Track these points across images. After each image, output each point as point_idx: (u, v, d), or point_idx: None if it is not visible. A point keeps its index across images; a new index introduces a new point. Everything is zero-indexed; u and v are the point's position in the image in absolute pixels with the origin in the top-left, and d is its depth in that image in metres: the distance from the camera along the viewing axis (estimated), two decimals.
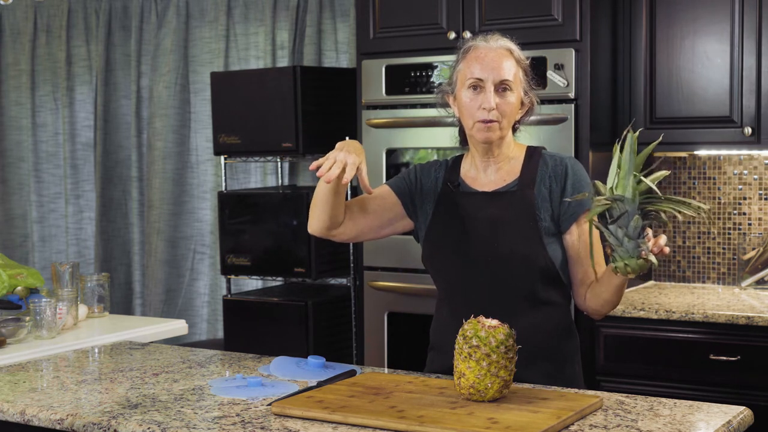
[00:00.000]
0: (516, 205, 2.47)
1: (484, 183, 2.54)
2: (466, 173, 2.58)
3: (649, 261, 2.15)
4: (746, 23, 3.64)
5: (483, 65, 2.44)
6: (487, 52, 2.46)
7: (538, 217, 2.45)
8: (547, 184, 2.48)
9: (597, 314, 2.49)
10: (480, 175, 2.55)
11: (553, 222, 2.46)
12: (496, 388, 2.14)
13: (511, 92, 2.45)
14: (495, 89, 2.43)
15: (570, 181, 2.47)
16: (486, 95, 2.43)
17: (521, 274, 2.45)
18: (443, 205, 2.56)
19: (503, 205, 2.48)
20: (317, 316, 4.31)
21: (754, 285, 3.92)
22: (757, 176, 3.97)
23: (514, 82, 2.45)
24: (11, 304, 3.42)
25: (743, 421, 2.13)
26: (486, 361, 2.13)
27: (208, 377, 2.56)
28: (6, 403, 2.34)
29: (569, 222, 2.46)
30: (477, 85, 2.45)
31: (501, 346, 2.15)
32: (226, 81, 4.56)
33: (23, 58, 5.89)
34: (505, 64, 2.44)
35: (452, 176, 2.59)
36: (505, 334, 2.16)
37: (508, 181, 2.51)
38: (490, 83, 2.43)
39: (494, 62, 2.44)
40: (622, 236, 2.14)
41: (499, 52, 2.46)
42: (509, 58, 2.46)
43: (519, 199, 2.47)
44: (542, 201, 2.46)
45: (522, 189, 2.48)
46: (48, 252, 5.89)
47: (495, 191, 2.51)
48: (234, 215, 4.50)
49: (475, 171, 2.56)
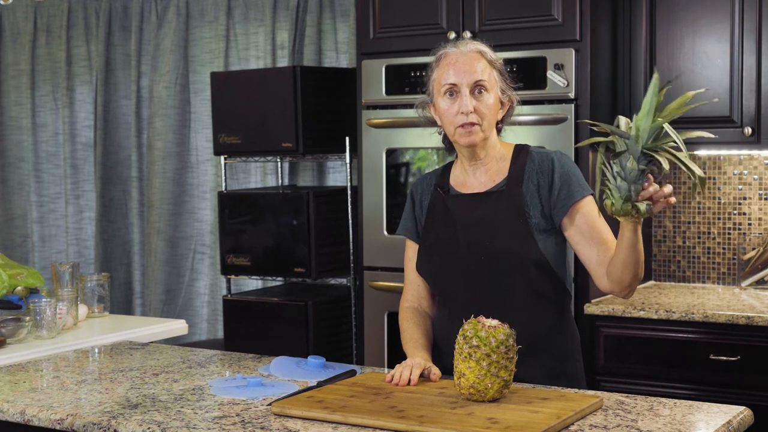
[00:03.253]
0: (505, 204, 2.48)
1: (473, 186, 2.55)
2: (455, 178, 2.60)
3: (636, 207, 2.11)
4: (746, 23, 3.64)
5: (456, 69, 2.46)
6: (458, 57, 2.47)
7: (527, 214, 2.46)
8: (534, 180, 2.48)
9: (620, 286, 2.38)
10: (469, 179, 2.56)
11: (543, 218, 2.46)
12: (496, 388, 2.15)
13: (487, 93, 2.46)
14: (471, 92, 2.45)
15: (557, 174, 2.47)
16: (462, 99, 2.44)
17: (515, 271, 2.46)
18: (435, 211, 2.58)
19: (492, 205, 2.49)
20: (317, 316, 4.31)
21: (754, 285, 3.92)
22: (757, 176, 3.97)
23: (489, 82, 2.46)
24: (11, 304, 3.42)
25: (743, 421, 2.13)
26: (486, 361, 2.14)
27: (208, 377, 2.56)
28: (6, 403, 2.34)
29: (562, 212, 2.46)
30: (452, 91, 2.46)
31: (501, 346, 2.15)
32: (226, 81, 4.55)
33: (23, 58, 5.89)
34: (478, 66, 2.46)
35: (442, 182, 2.61)
36: (505, 334, 2.16)
37: (497, 181, 2.52)
38: (464, 87, 2.44)
39: (466, 65, 2.45)
40: (616, 175, 2.12)
41: (470, 55, 2.47)
42: (480, 60, 2.47)
43: (507, 197, 2.48)
44: (531, 198, 2.47)
45: (510, 188, 2.49)
46: (48, 252, 5.89)
47: (484, 192, 2.52)
48: (234, 215, 4.50)
49: (464, 175, 2.57)
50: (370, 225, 4.08)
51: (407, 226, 2.66)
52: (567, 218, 2.46)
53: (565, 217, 2.46)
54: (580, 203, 2.45)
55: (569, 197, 2.45)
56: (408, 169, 4.08)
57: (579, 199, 2.45)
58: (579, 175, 2.50)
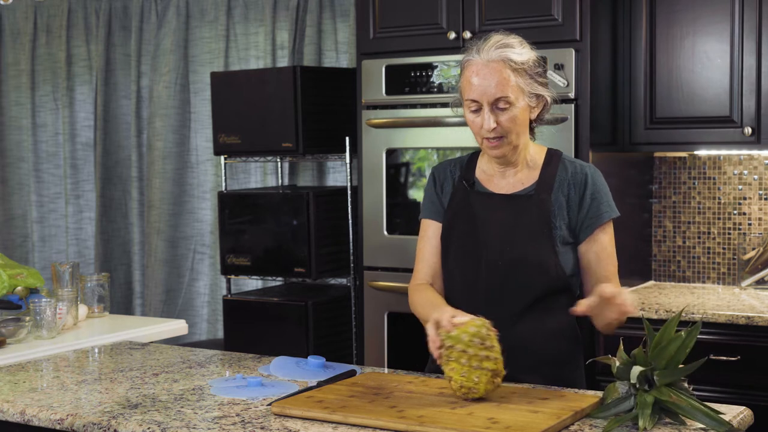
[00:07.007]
0: (531, 211, 2.43)
1: (501, 186, 2.49)
2: (482, 173, 2.53)
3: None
4: (746, 23, 3.64)
5: (477, 86, 2.36)
6: (480, 68, 2.37)
7: (553, 224, 2.42)
8: (565, 191, 2.44)
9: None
10: (496, 177, 2.50)
11: (569, 231, 2.43)
12: (485, 380, 2.14)
13: (511, 106, 2.37)
14: (492, 109, 2.37)
15: (589, 191, 2.43)
16: (484, 116, 2.37)
17: (530, 280, 2.42)
18: (456, 203, 2.52)
19: (518, 210, 2.44)
20: (317, 316, 4.31)
21: (754, 285, 3.92)
22: (757, 176, 3.97)
23: (513, 95, 2.36)
24: (11, 304, 3.42)
25: (743, 421, 2.13)
26: (464, 357, 2.14)
27: (208, 377, 2.56)
28: (6, 403, 2.34)
29: (588, 232, 2.44)
30: (475, 107, 2.39)
31: (474, 339, 2.14)
32: (226, 81, 4.55)
33: (23, 58, 5.89)
34: (500, 80, 2.35)
35: (467, 174, 2.54)
36: (476, 326, 2.16)
37: (526, 184, 2.47)
38: (485, 104, 2.37)
39: (487, 80, 2.35)
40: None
41: (492, 66, 2.36)
42: (503, 70, 2.36)
43: (535, 204, 2.43)
44: (559, 208, 2.43)
45: (539, 194, 2.44)
46: (48, 252, 5.89)
47: (511, 194, 2.47)
48: (234, 215, 4.50)
49: (492, 172, 2.51)
50: (370, 225, 4.08)
51: (432, 208, 2.56)
52: (588, 239, 2.44)
53: (590, 237, 2.44)
54: (605, 227, 2.45)
55: (597, 218, 2.43)
56: (408, 169, 4.08)
57: (605, 222, 2.44)
58: (608, 195, 2.46)
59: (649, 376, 2.04)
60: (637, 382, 2.04)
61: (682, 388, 2.05)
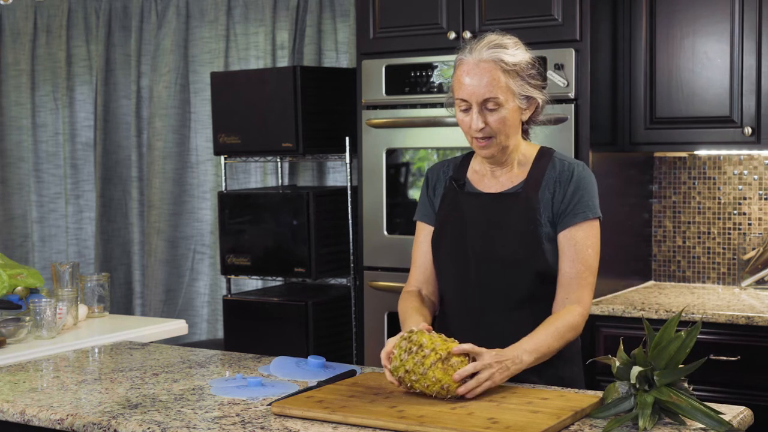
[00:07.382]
0: (517, 208, 2.44)
1: (490, 185, 2.50)
2: (473, 173, 2.54)
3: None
4: (746, 23, 3.64)
5: (467, 85, 2.36)
6: (471, 68, 2.37)
7: (539, 222, 2.42)
8: (551, 188, 2.43)
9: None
10: (487, 177, 2.51)
11: (551, 226, 2.43)
12: (438, 372, 2.16)
13: (501, 107, 2.36)
14: (481, 109, 2.36)
15: (572, 186, 2.42)
16: (472, 117, 2.37)
17: (519, 277, 2.43)
18: (447, 204, 2.54)
19: (504, 208, 2.45)
20: (317, 316, 4.31)
21: (754, 285, 3.92)
22: (757, 176, 3.97)
23: (502, 96, 2.36)
24: (11, 304, 3.42)
25: (743, 421, 2.13)
26: (411, 374, 2.18)
27: (208, 377, 2.56)
28: (6, 403, 2.34)
29: (561, 228, 2.43)
30: (464, 106, 2.39)
31: (403, 354, 2.19)
32: (226, 81, 4.55)
33: (23, 58, 5.89)
34: (490, 81, 2.35)
35: (459, 175, 2.55)
36: (397, 343, 2.23)
37: (515, 183, 2.47)
38: (474, 104, 2.36)
39: (477, 80, 2.35)
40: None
41: (483, 66, 2.36)
42: (494, 71, 2.35)
43: (521, 202, 2.44)
44: (545, 205, 2.43)
45: (526, 192, 2.44)
46: (48, 252, 5.90)
47: (498, 193, 2.48)
48: (234, 215, 4.50)
49: (483, 172, 2.52)
50: (370, 225, 4.08)
51: (423, 211, 2.59)
52: (563, 236, 2.42)
53: (562, 233, 2.43)
54: (582, 225, 2.42)
55: (574, 216, 2.41)
56: (408, 169, 4.08)
57: (580, 222, 2.41)
58: (593, 194, 2.44)
59: (649, 376, 2.04)
60: (637, 382, 2.04)
61: (682, 388, 2.05)
